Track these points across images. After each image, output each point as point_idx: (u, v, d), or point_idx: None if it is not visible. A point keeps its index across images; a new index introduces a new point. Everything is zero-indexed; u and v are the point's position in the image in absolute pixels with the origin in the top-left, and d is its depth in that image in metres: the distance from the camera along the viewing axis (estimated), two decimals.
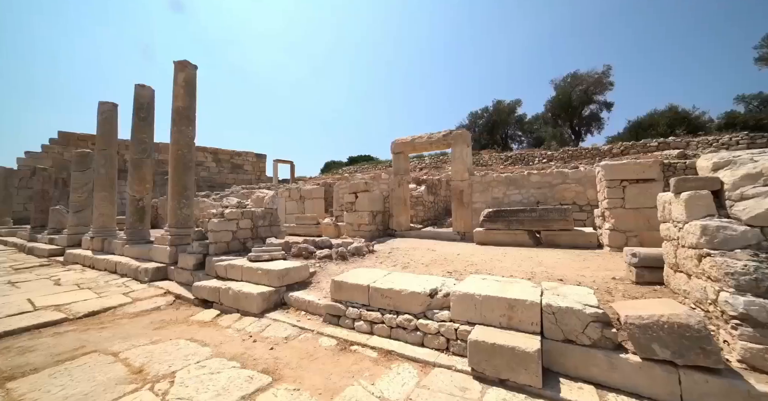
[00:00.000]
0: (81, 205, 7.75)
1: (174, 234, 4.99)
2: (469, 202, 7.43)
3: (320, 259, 4.29)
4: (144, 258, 5.20)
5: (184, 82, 5.24)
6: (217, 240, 4.43)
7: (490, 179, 7.20)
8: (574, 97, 20.67)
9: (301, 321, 2.84)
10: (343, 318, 2.69)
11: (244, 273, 3.59)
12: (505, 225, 6.19)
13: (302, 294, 3.23)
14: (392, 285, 2.54)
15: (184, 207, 5.16)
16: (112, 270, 5.21)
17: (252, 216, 4.96)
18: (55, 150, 17.94)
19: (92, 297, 3.78)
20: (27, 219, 15.67)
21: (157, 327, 2.93)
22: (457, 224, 7.53)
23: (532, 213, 5.91)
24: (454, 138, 7.69)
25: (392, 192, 8.61)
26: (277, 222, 5.45)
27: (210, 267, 4.08)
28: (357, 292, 2.69)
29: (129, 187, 6.13)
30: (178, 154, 5.17)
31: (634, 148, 12.47)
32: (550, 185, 6.38)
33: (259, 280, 3.42)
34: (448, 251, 5.45)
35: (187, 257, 4.44)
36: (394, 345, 2.28)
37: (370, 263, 4.43)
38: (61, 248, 7.14)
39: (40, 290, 4.10)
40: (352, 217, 8.03)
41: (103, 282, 4.55)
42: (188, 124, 5.26)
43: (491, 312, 2.06)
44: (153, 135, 6.39)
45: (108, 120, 7.05)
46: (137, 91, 6.19)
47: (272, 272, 3.32)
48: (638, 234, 4.51)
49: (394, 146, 8.62)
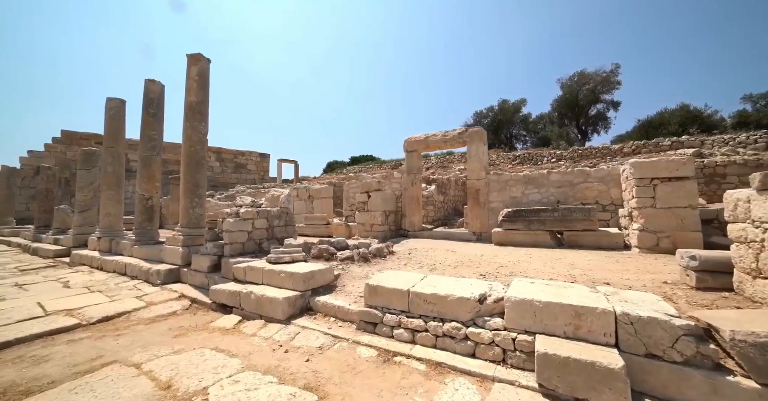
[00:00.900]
0: (87, 205, 7.57)
1: (186, 234, 4.80)
2: (485, 202, 7.23)
3: (342, 261, 4.10)
4: (154, 259, 5.01)
5: (197, 76, 5.05)
6: (232, 240, 4.24)
7: (507, 178, 7.00)
8: (581, 96, 20.47)
9: (333, 328, 2.65)
10: (380, 325, 2.50)
11: (266, 276, 3.40)
12: (525, 225, 6.00)
13: (329, 298, 3.04)
14: (436, 290, 2.34)
15: (196, 206, 4.98)
16: (121, 271, 5.02)
17: (267, 216, 4.77)
18: (57, 149, 17.74)
19: (104, 301, 3.59)
20: (29, 219, 15.50)
21: (176, 335, 2.74)
22: (473, 224, 7.34)
23: (554, 213, 5.72)
24: (470, 136, 7.50)
25: (405, 191, 8.42)
26: (293, 222, 5.26)
27: (227, 270, 3.89)
28: (395, 297, 2.50)
29: (137, 185, 5.94)
30: (191, 151, 4.98)
31: (645, 147, 12.27)
32: (570, 184, 6.18)
33: (282, 284, 3.23)
34: (469, 252, 5.26)
35: (201, 259, 4.25)
36: (442, 356, 2.08)
37: (393, 265, 4.25)
38: (66, 249, 6.95)
39: (50, 293, 3.90)
40: (365, 217, 7.84)
41: (113, 285, 4.36)
42: (201, 119, 5.07)
43: (554, 320, 1.87)
44: (162, 132, 6.20)
45: (116, 116, 6.86)
46: (147, 86, 6.00)
47: (297, 275, 3.13)
48: (671, 234, 4.31)
49: (407, 144, 8.43)
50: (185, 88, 5.10)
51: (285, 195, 5.11)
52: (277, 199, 5.09)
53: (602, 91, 20.23)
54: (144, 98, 6.04)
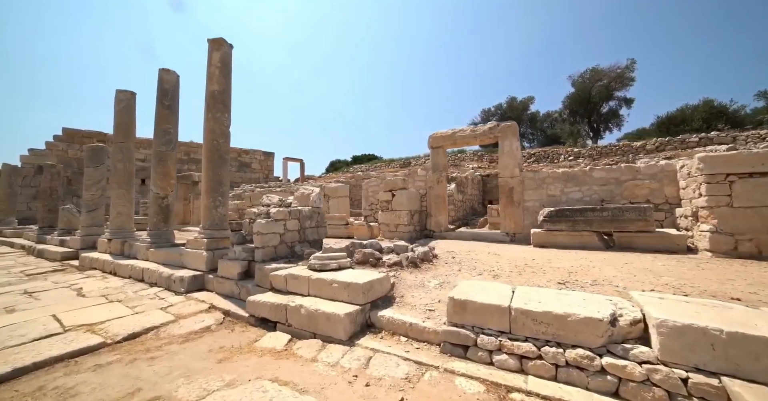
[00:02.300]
0: (94, 204, 7.12)
1: (209, 236, 4.36)
2: (519, 201, 6.80)
3: (389, 267, 3.67)
4: (173, 264, 4.57)
5: (219, 63, 4.61)
6: (264, 244, 3.80)
7: (544, 175, 6.57)
8: (594, 93, 20.03)
9: (410, 351, 2.21)
10: (473, 349, 2.07)
11: (313, 287, 2.96)
12: (569, 225, 5.57)
13: (394, 313, 2.60)
14: (548, 308, 1.91)
15: (219, 205, 4.53)
16: (138, 277, 4.58)
17: (299, 217, 4.33)
18: (59, 147, 17.28)
19: (126, 313, 3.15)
20: (31, 219, 15.02)
21: (221, 359, 2.30)
22: (506, 224, 6.91)
23: (602, 213, 5.29)
24: (502, 131, 7.07)
25: (430, 189, 7.99)
26: (324, 222, 4.83)
27: (262, 277, 3.45)
28: (490, 315, 2.07)
29: (152, 183, 5.50)
30: (213, 145, 4.54)
31: (670, 144, 11.85)
32: (617, 181, 5.75)
33: (334, 296, 2.80)
34: (516, 255, 4.84)
35: (229, 264, 3.81)
36: (574, 395, 1.65)
37: (447, 270, 3.82)
38: (74, 251, 6.51)
39: (63, 303, 3.46)
40: (389, 217, 7.41)
41: (132, 293, 3.92)
42: (224, 110, 4.63)
43: (754, 361, 1.41)
44: (178, 125, 5.75)
45: (126, 110, 6.41)
46: (161, 76, 5.55)
47: (355, 286, 2.69)
48: (754, 237, 3.88)
49: (432, 140, 7.99)
50: (206, 76, 4.65)
51: (316, 193, 4.67)
52: (307, 197, 4.65)
53: (616, 87, 19.80)
54: (158, 89, 5.59)
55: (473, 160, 18.59)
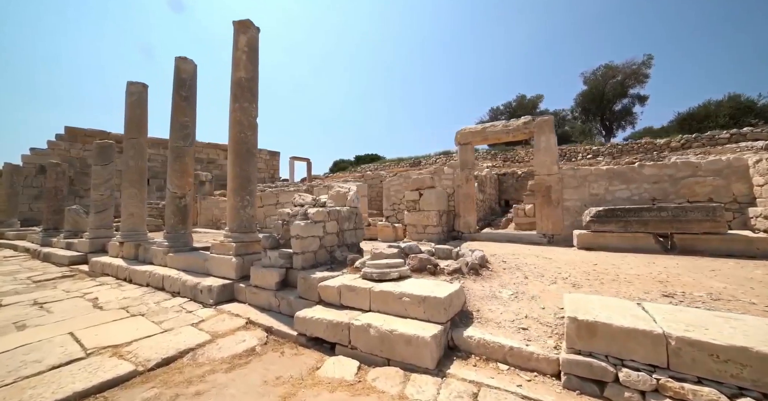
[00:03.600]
0: (103, 204, 6.68)
1: (237, 240, 3.91)
2: (558, 200, 6.36)
3: (449, 274, 3.23)
4: (196, 270, 4.13)
5: (246, 47, 4.17)
6: (303, 249, 3.36)
7: (586, 173, 6.13)
8: (608, 90, 19.58)
9: (523, 386, 1.77)
10: (614, 387, 1.62)
11: (376, 300, 2.52)
12: (621, 226, 5.13)
13: (483, 333, 2.16)
14: (735, 340, 1.46)
15: (247, 205, 4.09)
16: (157, 285, 4.13)
17: (338, 218, 3.89)
18: (61, 147, 16.81)
19: (153, 331, 2.71)
20: (32, 220, 14.55)
21: (283, 396, 1.86)
22: (543, 225, 6.47)
23: (660, 213, 4.85)
24: (538, 125, 6.63)
25: (458, 188, 7.55)
26: (362, 224, 4.39)
27: (308, 289, 3.00)
28: (634, 342, 1.62)
29: (168, 181, 5.05)
30: (240, 138, 4.10)
31: (697, 140, 11.41)
32: (671, 179, 5.31)
33: (404, 311, 2.36)
34: (571, 259, 4.40)
35: (264, 272, 3.36)
36: None
37: (510, 278, 3.38)
38: (83, 255, 6.07)
39: (80, 317, 3.02)
40: (416, 217, 6.97)
41: (153, 304, 3.47)
42: (251, 99, 4.19)
43: None
44: (195, 118, 5.31)
45: (138, 103, 5.97)
46: (178, 65, 5.10)
47: (433, 300, 2.25)
48: None
49: (460, 136, 7.56)
50: (232, 62, 4.21)
51: (354, 192, 4.24)
52: (343, 196, 4.21)
53: (630, 84, 19.35)
54: (174, 79, 5.14)
55: (486, 158, 18.16)
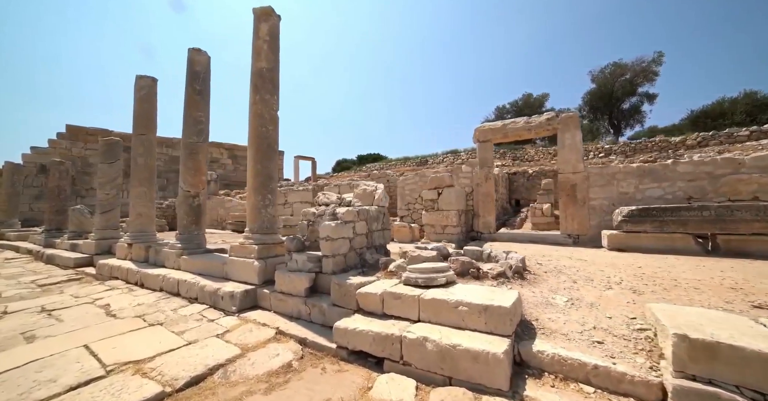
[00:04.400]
0: (109, 204, 6.41)
1: (260, 242, 3.65)
2: (584, 199, 6.11)
3: (493, 278, 2.97)
4: (213, 274, 3.86)
5: (268, 36, 3.90)
6: (334, 251, 3.10)
7: (614, 170, 5.87)
8: (616, 88, 19.33)
9: None
10: None
11: (425, 309, 2.26)
12: (656, 226, 4.88)
13: (557, 348, 1.90)
14: None
15: (269, 205, 3.83)
16: (171, 291, 3.87)
17: (367, 218, 3.63)
18: (62, 145, 16.54)
19: (177, 344, 2.45)
20: (33, 221, 14.27)
21: None
22: (568, 225, 6.22)
23: (702, 212, 4.60)
24: (562, 122, 6.37)
25: (477, 187, 7.29)
26: (389, 225, 4.13)
27: (343, 295, 2.74)
28: None
29: (181, 179, 4.79)
30: (260, 132, 3.83)
31: (715, 138, 11.16)
32: (710, 176, 5.05)
33: (461, 322, 2.10)
34: (611, 261, 4.15)
35: (292, 277, 3.10)
36: None
37: (557, 282, 3.12)
38: (88, 256, 5.80)
39: (94, 327, 2.75)
40: (435, 217, 6.71)
41: (171, 312, 3.21)
42: (273, 91, 3.93)
43: None
44: (209, 113, 5.04)
45: (146, 98, 5.70)
46: (192, 56, 4.84)
47: (496, 310, 1.99)
48: None
49: (479, 134, 7.30)
50: (252, 51, 3.95)
51: (381, 190, 3.97)
52: (370, 195, 3.95)
53: (640, 82, 19.10)
54: (187, 72, 4.88)
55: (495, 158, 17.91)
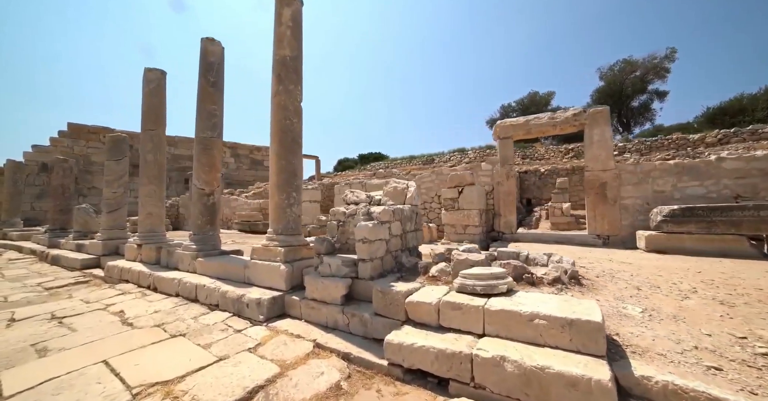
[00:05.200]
0: (116, 203, 6.13)
1: (285, 244, 3.36)
2: (615, 198, 5.82)
3: (550, 284, 2.68)
4: (233, 279, 3.57)
5: (291, 21, 3.61)
6: (371, 255, 2.81)
7: (649, 168, 5.58)
8: (626, 86, 19.02)
9: None
10: None
11: (492, 321, 1.97)
12: (703, 227, 4.59)
13: (663, 373, 1.61)
14: None
15: (294, 203, 3.54)
16: (188, 296, 3.58)
17: (401, 218, 3.34)
18: (64, 144, 16.28)
19: (207, 360, 2.16)
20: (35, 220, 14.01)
21: None
22: (598, 225, 5.93)
23: (760, 212, 4.30)
24: (591, 117, 6.08)
25: (498, 185, 7.00)
26: (421, 225, 3.84)
27: (388, 304, 2.45)
28: None
29: (194, 176, 4.50)
30: (284, 125, 3.54)
31: (737, 135, 10.86)
32: (763, 173, 4.75)
33: (541, 338, 1.81)
34: (658, 265, 3.85)
35: (326, 284, 2.81)
36: None
37: (618, 289, 2.83)
38: (95, 257, 5.52)
39: (110, 337, 2.47)
40: (455, 217, 6.42)
41: (191, 320, 2.92)
42: (297, 80, 3.63)
43: None
44: (223, 106, 4.75)
45: (156, 91, 5.41)
46: (205, 46, 4.55)
47: (585, 325, 1.71)
48: None
49: (500, 130, 7.01)
50: (274, 39, 3.66)
51: (414, 188, 3.68)
52: (401, 193, 3.66)
53: (650, 79, 18.78)
54: (201, 63, 4.59)
55: None
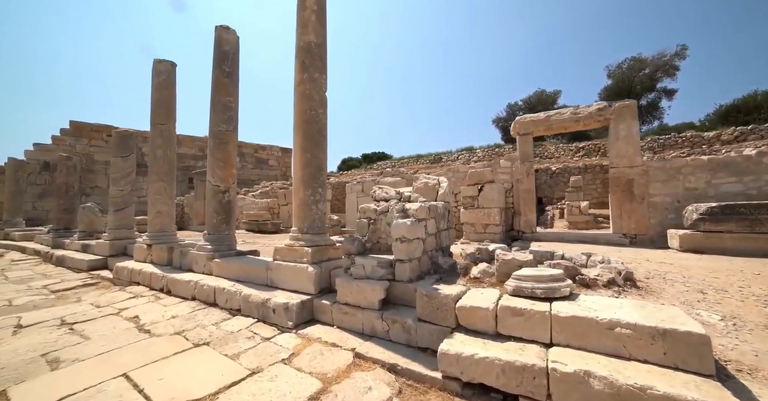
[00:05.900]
0: (124, 201, 5.91)
1: (312, 244, 3.14)
2: (643, 195, 5.59)
3: (605, 287, 2.46)
4: (254, 281, 3.35)
5: (315, 5, 3.38)
6: (410, 255, 2.59)
7: (680, 164, 5.34)
8: (635, 84, 18.75)
9: None
10: None
11: (563, 329, 1.75)
12: (746, 226, 4.36)
13: None
14: None
15: (320, 200, 3.32)
16: (206, 300, 3.35)
17: (436, 216, 3.12)
18: (66, 142, 16.06)
19: (239, 374, 1.93)
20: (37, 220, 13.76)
21: None
22: (625, 224, 5.70)
23: None
24: (617, 111, 5.85)
25: (517, 183, 6.77)
26: (452, 223, 3.61)
27: (435, 309, 2.22)
28: None
29: (209, 172, 4.28)
30: (310, 116, 3.32)
31: (754, 132, 10.62)
32: None
33: (624, 349, 1.59)
34: (706, 265, 3.63)
35: (362, 286, 2.58)
36: None
37: (677, 292, 2.61)
38: (102, 258, 5.30)
39: (127, 346, 2.24)
40: (475, 215, 6.20)
41: (213, 327, 2.70)
42: (322, 68, 3.41)
43: None
44: (238, 98, 4.53)
45: (166, 84, 5.19)
46: (220, 35, 4.32)
47: (682, 336, 1.48)
48: None
49: (520, 126, 6.77)
50: (298, 24, 3.43)
51: (446, 184, 3.46)
52: (432, 189, 3.44)
53: (660, 77, 18.52)
54: (215, 53, 4.36)
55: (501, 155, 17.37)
